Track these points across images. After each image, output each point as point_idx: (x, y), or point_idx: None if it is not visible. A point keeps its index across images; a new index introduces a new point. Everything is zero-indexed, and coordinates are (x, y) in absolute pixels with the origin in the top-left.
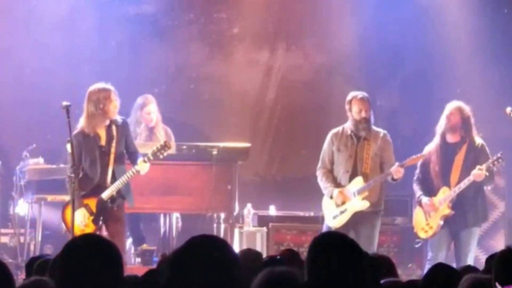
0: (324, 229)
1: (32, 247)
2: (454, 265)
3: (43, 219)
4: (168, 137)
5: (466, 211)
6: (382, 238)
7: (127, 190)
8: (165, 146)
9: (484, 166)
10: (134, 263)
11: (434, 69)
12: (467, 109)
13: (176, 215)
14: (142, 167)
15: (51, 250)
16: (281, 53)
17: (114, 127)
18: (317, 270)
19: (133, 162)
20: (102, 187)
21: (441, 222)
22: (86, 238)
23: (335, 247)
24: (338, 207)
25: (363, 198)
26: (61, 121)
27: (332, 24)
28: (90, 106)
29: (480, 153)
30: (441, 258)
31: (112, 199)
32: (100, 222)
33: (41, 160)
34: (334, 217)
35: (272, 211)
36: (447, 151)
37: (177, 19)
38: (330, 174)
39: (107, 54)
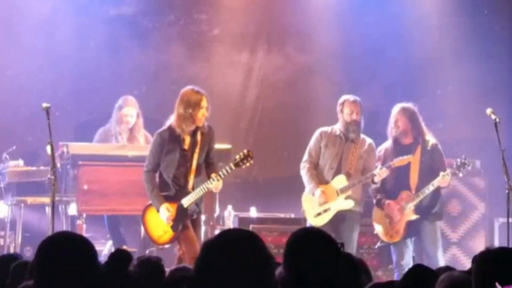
0: None
1: (12, 249)
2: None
3: (23, 221)
4: (148, 143)
5: (424, 208)
6: (362, 239)
7: (201, 198)
8: (248, 155)
9: (449, 172)
10: None
11: (415, 71)
12: (411, 108)
13: None
14: (215, 185)
15: (30, 252)
16: (262, 54)
17: (199, 133)
18: (294, 265)
19: (207, 172)
20: (183, 193)
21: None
22: (60, 236)
23: (312, 241)
24: (321, 205)
25: (347, 197)
26: (41, 123)
27: (314, 25)
28: (180, 108)
29: (433, 153)
30: (407, 260)
31: (191, 207)
32: (180, 228)
33: (21, 162)
34: (317, 215)
35: (253, 212)
36: (401, 153)
37: (157, 20)
38: (314, 170)
39: (87, 55)
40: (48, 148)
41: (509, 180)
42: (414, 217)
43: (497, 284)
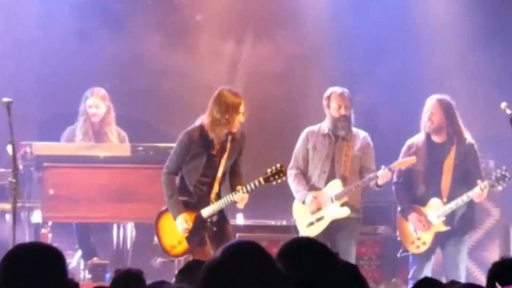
0: None
1: None
2: (443, 279)
3: None
4: (121, 141)
5: (453, 219)
6: (362, 250)
7: (226, 209)
8: (280, 171)
9: (487, 184)
10: (83, 279)
11: (417, 62)
12: (448, 101)
13: (130, 225)
14: (241, 198)
15: None
16: (249, 44)
17: (229, 139)
18: None
19: (232, 182)
20: (205, 201)
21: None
22: (27, 246)
23: (305, 253)
24: (314, 213)
25: (342, 204)
26: (2, 119)
27: (307, 12)
28: (215, 110)
29: (468, 155)
30: (426, 273)
31: (212, 218)
32: (196, 241)
33: None
34: (309, 225)
35: (240, 220)
36: (434, 152)
37: (131, 5)
38: (303, 176)
39: (53, 45)
40: (9, 148)
41: None
42: (444, 228)
43: (497, 284)
